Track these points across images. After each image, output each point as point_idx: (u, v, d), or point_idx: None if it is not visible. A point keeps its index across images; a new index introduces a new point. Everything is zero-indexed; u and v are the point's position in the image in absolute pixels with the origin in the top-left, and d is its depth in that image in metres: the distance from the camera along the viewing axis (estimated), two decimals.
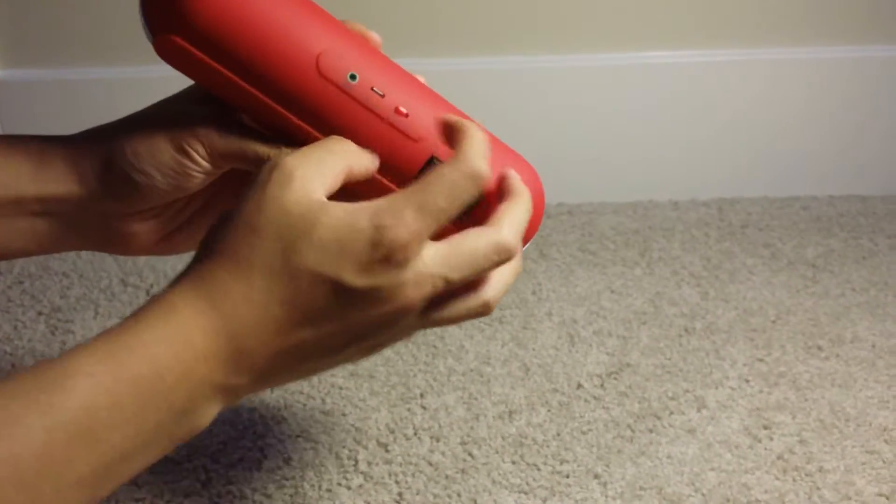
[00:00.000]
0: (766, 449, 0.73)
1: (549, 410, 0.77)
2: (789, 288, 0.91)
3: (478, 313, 0.51)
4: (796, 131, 1.03)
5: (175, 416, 0.45)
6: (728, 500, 0.68)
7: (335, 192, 0.48)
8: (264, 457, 0.72)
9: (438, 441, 0.73)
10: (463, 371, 0.80)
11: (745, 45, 1.00)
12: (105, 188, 0.54)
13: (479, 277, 0.49)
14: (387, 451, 0.73)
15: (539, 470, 0.71)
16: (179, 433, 0.46)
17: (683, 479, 0.70)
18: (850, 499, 0.69)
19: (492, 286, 0.50)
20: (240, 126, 0.53)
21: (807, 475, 0.71)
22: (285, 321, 0.46)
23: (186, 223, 0.59)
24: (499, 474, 0.71)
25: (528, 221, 0.50)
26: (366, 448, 0.73)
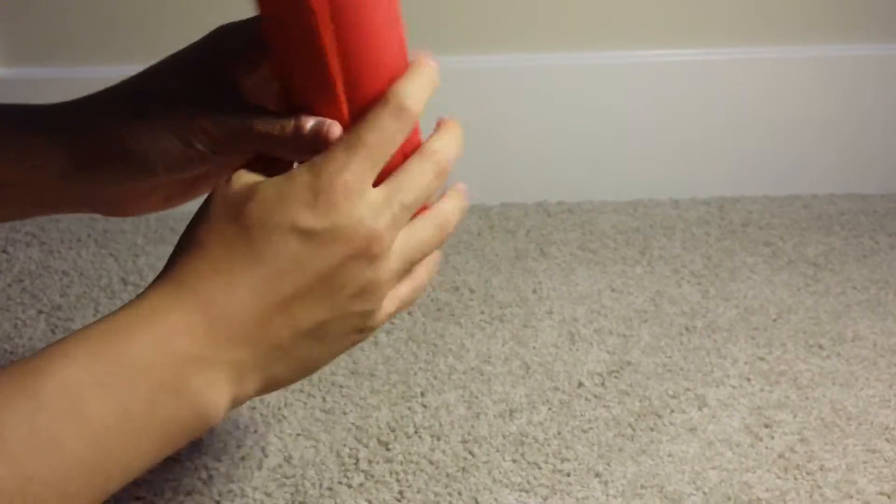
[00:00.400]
0: (768, 447, 0.73)
1: (550, 409, 0.77)
2: (790, 286, 0.91)
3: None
4: (797, 130, 1.02)
5: (170, 396, 0.44)
6: (729, 499, 0.68)
7: None
8: (265, 455, 0.72)
9: (439, 439, 0.73)
10: (463, 369, 0.80)
11: (746, 44, 0.99)
12: (96, 172, 0.54)
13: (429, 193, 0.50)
14: (388, 450, 0.73)
15: (540, 468, 0.71)
16: (185, 416, 0.45)
17: (684, 478, 0.70)
18: (852, 497, 0.69)
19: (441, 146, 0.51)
20: (243, 107, 0.52)
21: (808, 474, 0.70)
22: (257, 280, 0.46)
23: (188, 184, 0.58)
24: (500, 473, 0.71)
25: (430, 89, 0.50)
26: (366, 446, 0.73)
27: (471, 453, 0.72)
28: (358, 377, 0.79)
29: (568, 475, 0.71)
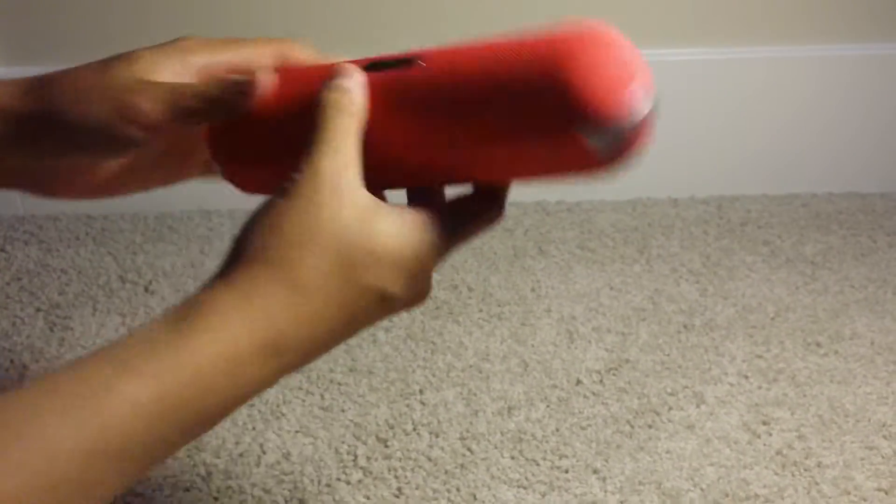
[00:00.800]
0: (765, 444, 0.73)
1: (549, 406, 0.77)
2: (788, 285, 0.91)
3: None
4: (796, 129, 1.03)
5: (228, 408, 0.46)
6: (727, 496, 0.69)
7: None
8: (264, 452, 0.72)
9: (438, 436, 0.74)
10: (462, 367, 0.80)
11: (745, 43, 1.00)
12: (25, 144, 0.53)
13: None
14: (386, 447, 0.73)
15: (538, 465, 0.71)
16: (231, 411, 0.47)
17: (682, 475, 0.70)
18: (849, 494, 0.69)
19: None
20: (176, 86, 0.52)
21: (805, 470, 0.71)
22: (330, 329, 0.47)
23: (125, 170, 0.57)
24: (498, 469, 0.71)
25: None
26: (365, 443, 0.73)
27: (469, 450, 0.72)
28: (356, 374, 0.79)
29: (566, 472, 0.71)
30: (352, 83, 0.49)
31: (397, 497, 0.69)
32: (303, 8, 0.95)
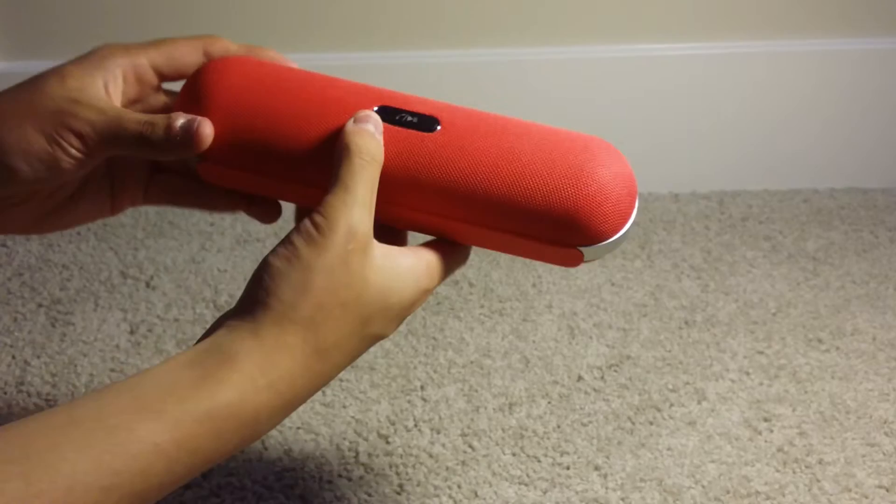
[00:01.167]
0: (767, 441, 0.73)
1: (550, 402, 0.77)
2: (790, 280, 0.91)
3: None
4: (797, 124, 1.02)
5: (245, 439, 0.48)
6: (728, 492, 0.69)
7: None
8: (265, 448, 0.72)
9: (439, 433, 0.74)
10: (463, 363, 0.80)
11: (746, 38, 0.99)
12: None
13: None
14: (387, 443, 0.73)
15: (539, 462, 0.71)
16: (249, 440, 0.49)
17: (683, 471, 0.70)
18: (850, 491, 0.69)
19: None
20: (113, 107, 0.52)
21: (807, 467, 0.71)
22: (335, 375, 0.50)
23: (63, 204, 0.57)
24: (499, 466, 0.71)
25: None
26: (366, 440, 0.73)
27: (470, 447, 0.72)
28: (358, 371, 0.79)
29: (567, 468, 0.71)
30: (378, 133, 0.51)
31: (398, 493, 0.69)
32: (304, 5, 0.95)
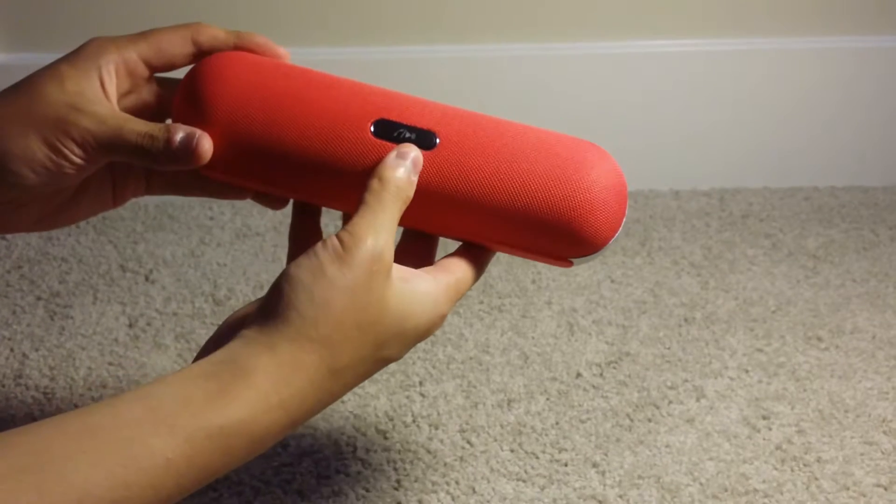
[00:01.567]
0: (765, 439, 0.73)
1: (548, 399, 0.77)
2: (790, 278, 0.91)
3: None
4: (798, 121, 1.02)
5: (254, 452, 0.48)
6: (726, 490, 0.69)
7: None
8: None
9: (437, 429, 0.73)
10: (462, 359, 0.80)
11: (748, 35, 0.99)
12: None
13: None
14: (385, 439, 0.73)
15: (537, 458, 0.71)
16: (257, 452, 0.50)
17: (682, 469, 0.70)
18: (849, 489, 0.69)
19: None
20: (114, 116, 0.52)
21: (805, 465, 0.71)
22: (343, 394, 0.51)
23: (66, 202, 0.57)
24: (497, 462, 0.71)
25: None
26: (364, 435, 0.73)
27: (469, 443, 0.72)
28: None
29: (565, 465, 0.71)
30: (415, 173, 0.52)
31: (396, 489, 0.69)
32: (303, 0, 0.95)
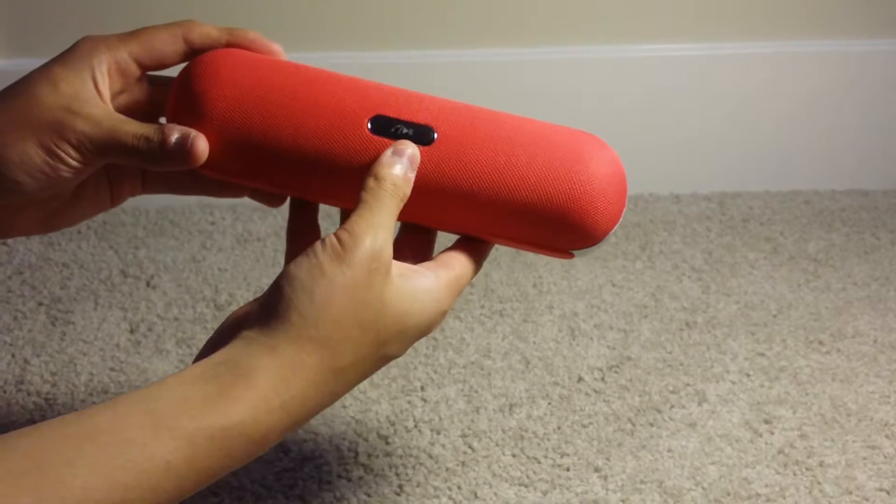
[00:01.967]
0: (767, 443, 0.73)
1: (550, 403, 0.76)
2: (791, 282, 0.91)
3: None
4: (798, 125, 1.02)
5: (253, 453, 0.49)
6: (728, 494, 0.68)
7: None
8: None
9: (439, 433, 0.73)
10: (463, 364, 0.80)
11: (748, 38, 0.99)
12: None
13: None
14: (387, 444, 0.73)
15: (539, 463, 0.71)
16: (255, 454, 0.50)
17: (684, 473, 0.70)
18: (851, 493, 0.69)
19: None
20: (109, 117, 0.52)
21: (807, 469, 0.70)
22: (344, 393, 0.51)
23: (64, 204, 0.57)
24: (499, 467, 0.71)
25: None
26: (366, 440, 0.73)
27: (470, 447, 0.72)
28: None
29: (567, 470, 0.71)
30: (412, 169, 0.52)
31: (398, 494, 0.68)
32: (305, 4, 0.95)
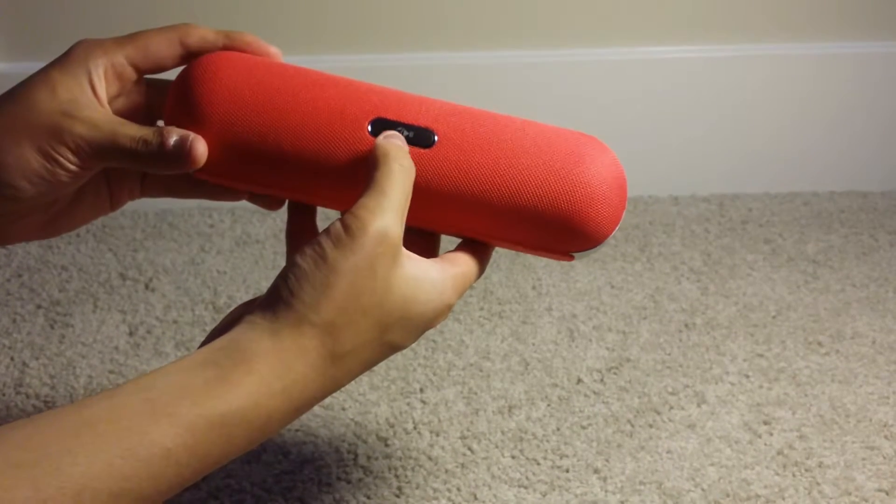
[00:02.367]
0: (766, 444, 0.73)
1: (549, 405, 0.76)
2: (790, 283, 0.91)
3: None
4: (797, 127, 1.02)
5: (255, 440, 0.48)
6: (728, 495, 0.68)
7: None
8: (263, 450, 0.72)
9: (438, 435, 0.73)
10: (462, 366, 0.80)
11: (747, 41, 0.99)
12: None
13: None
14: (386, 446, 0.73)
15: (539, 464, 0.71)
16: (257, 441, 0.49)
17: (683, 474, 0.70)
18: (850, 494, 0.69)
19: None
20: (108, 121, 0.52)
21: (806, 470, 0.71)
22: (348, 381, 0.50)
23: (64, 209, 0.57)
24: (498, 469, 0.71)
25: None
26: (365, 442, 0.73)
27: (470, 449, 0.72)
28: None
29: (567, 471, 0.71)
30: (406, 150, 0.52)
31: (398, 496, 0.68)
32: (304, 7, 0.95)
